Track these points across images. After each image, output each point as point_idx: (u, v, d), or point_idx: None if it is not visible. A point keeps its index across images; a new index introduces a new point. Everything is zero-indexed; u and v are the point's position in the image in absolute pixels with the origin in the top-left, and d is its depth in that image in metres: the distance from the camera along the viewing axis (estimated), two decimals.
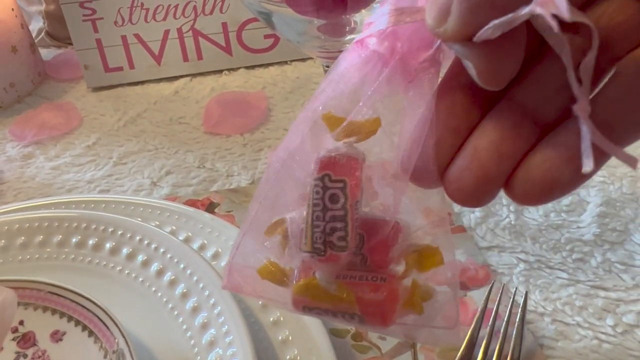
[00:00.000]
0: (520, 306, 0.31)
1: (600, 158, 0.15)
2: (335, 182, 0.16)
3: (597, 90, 0.15)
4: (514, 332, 0.30)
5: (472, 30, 0.15)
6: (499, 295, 0.32)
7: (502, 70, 0.15)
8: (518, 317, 0.31)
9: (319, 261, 0.16)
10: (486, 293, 0.32)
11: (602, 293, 0.34)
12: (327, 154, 0.16)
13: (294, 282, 0.17)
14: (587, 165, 0.14)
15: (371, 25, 0.17)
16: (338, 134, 0.17)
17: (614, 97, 0.15)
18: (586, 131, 0.14)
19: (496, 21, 0.14)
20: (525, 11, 0.13)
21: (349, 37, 0.30)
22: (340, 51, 0.31)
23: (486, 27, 0.14)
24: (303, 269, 0.17)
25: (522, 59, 0.15)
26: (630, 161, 0.15)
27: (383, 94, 0.17)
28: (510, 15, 0.14)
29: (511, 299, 0.32)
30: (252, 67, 0.58)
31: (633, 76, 0.15)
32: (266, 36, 0.57)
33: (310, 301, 0.17)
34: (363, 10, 0.28)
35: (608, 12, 0.15)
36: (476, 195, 0.16)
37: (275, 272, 0.18)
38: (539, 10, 0.13)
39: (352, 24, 0.29)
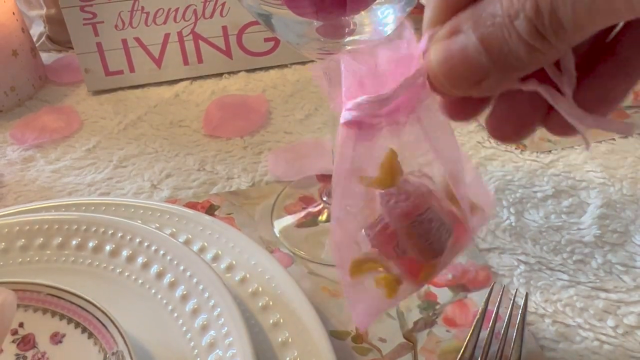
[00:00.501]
0: (521, 308, 0.31)
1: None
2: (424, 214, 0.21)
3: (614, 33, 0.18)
4: (515, 334, 0.30)
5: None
6: (499, 297, 0.32)
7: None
8: (519, 319, 0.31)
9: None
10: (486, 295, 0.32)
11: (602, 294, 0.33)
12: (400, 207, 0.21)
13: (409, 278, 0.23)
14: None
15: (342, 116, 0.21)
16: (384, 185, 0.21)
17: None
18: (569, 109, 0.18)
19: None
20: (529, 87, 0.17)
21: (348, 38, 0.30)
22: (340, 52, 0.31)
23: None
24: (406, 269, 0.23)
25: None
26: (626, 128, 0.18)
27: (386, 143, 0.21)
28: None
29: (512, 301, 0.32)
30: (252, 70, 0.58)
31: None
32: (266, 39, 0.57)
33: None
34: (362, 12, 0.28)
35: None
36: (515, 138, 0.20)
37: (393, 286, 0.23)
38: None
39: (352, 25, 0.29)
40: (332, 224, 0.22)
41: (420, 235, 0.22)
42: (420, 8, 0.31)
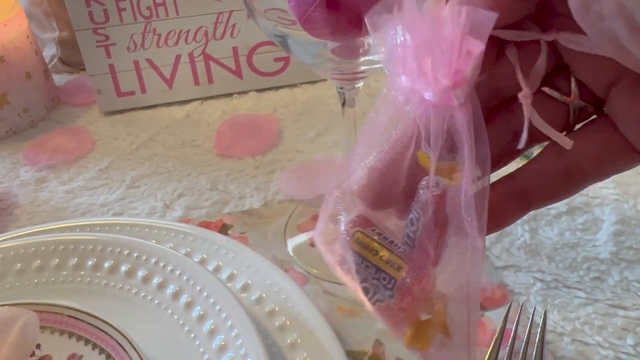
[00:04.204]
0: (540, 326, 0.31)
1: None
2: None
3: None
4: (534, 352, 0.30)
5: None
6: (517, 315, 0.32)
7: None
8: (537, 338, 0.30)
9: None
10: (504, 313, 0.32)
11: (621, 312, 0.33)
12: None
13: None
14: (521, 143, 0.18)
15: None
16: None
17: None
18: (528, 113, 0.18)
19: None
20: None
21: (362, 58, 0.30)
22: (354, 73, 0.31)
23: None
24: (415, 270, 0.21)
25: None
26: (565, 142, 0.19)
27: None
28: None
29: (530, 319, 0.31)
30: (263, 90, 0.58)
31: None
32: (276, 59, 0.57)
33: None
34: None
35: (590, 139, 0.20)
36: None
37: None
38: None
39: (366, 45, 0.29)
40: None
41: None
42: None
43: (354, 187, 0.20)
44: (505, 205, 0.20)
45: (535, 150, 0.21)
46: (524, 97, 0.18)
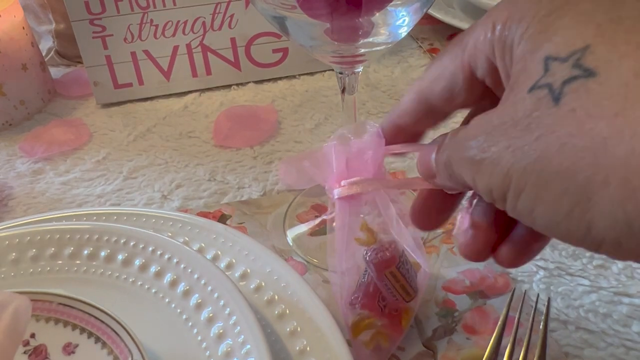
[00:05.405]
0: (544, 314, 0.30)
1: None
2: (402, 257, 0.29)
3: None
4: (538, 340, 0.29)
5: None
6: (520, 303, 0.31)
7: None
8: (541, 325, 0.30)
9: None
10: (507, 301, 0.31)
11: (625, 300, 0.33)
12: (386, 255, 0.29)
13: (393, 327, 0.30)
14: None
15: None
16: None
17: None
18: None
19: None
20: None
21: (361, 41, 0.29)
22: (354, 56, 0.30)
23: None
24: (390, 321, 0.31)
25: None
26: None
27: None
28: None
29: (534, 307, 0.31)
30: (261, 81, 0.58)
31: None
32: (274, 50, 0.57)
33: None
34: (377, 14, 0.28)
35: None
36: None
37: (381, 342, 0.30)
38: None
39: (365, 27, 0.29)
40: (339, 279, 0.29)
41: (403, 274, 0.29)
42: (427, 19, 0.31)
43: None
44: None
45: None
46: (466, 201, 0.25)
